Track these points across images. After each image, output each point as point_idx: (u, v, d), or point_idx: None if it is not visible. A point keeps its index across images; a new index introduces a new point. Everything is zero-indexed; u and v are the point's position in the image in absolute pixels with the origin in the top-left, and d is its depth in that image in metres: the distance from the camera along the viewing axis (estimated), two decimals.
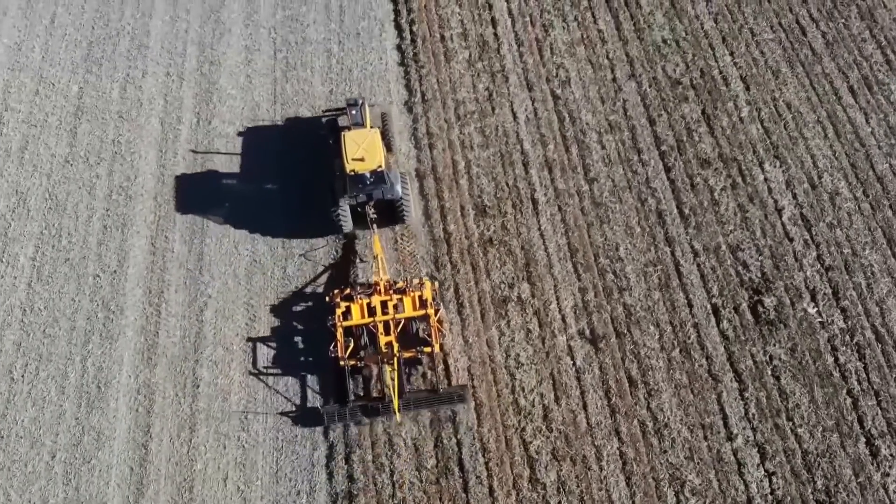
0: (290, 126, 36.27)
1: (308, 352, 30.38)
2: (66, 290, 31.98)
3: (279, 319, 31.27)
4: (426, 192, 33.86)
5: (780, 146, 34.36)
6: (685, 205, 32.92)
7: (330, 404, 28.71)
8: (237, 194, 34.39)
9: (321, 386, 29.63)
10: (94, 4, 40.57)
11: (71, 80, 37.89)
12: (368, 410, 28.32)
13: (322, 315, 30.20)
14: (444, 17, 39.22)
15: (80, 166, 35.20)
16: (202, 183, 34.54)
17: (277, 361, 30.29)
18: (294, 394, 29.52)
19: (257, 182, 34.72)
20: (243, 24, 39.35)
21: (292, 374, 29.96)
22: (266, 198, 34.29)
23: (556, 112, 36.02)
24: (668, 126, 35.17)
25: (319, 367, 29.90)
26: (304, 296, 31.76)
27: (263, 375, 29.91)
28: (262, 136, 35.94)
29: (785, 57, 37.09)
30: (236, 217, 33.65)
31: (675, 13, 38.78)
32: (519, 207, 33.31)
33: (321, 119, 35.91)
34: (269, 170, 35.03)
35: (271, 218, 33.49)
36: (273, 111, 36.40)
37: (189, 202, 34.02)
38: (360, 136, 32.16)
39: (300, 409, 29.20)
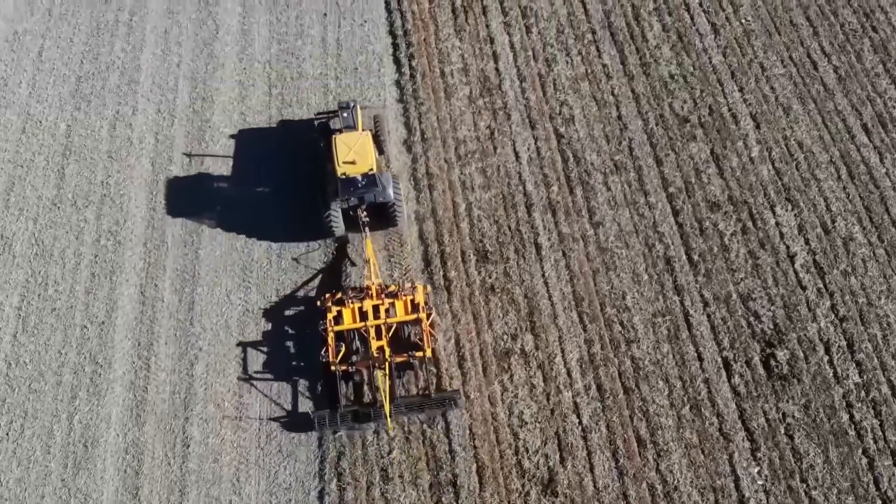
0: (282, 129, 36.32)
1: (299, 357, 30.51)
2: (52, 342, 31.32)
3: (270, 324, 31.41)
4: (425, 236, 33.24)
5: (791, 188, 33.75)
6: (694, 251, 32.29)
7: (321, 410, 28.68)
8: (230, 213, 34.45)
9: (312, 391, 29.71)
10: (82, 37, 39.99)
11: (59, 117, 37.27)
12: (360, 416, 28.41)
13: (314, 319, 30.30)
14: (445, 52, 38.62)
15: (67, 209, 34.56)
16: (193, 227, 33.88)
17: (268, 366, 30.37)
18: (285, 399, 29.60)
19: (249, 187, 34.91)
20: (237, 58, 38.77)
21: (284, 379, 30.09)
22: (258, 203, 34.39)
23: (559, 151, 35.42)
24: (676, 167, 34.57)
25: (311, 372, 30.01)
26: (295, 300, 31.89)
27: (254, 380, 30.08)
28: (254, 140, 36.04)
29: (796, 93, 36.51)
30: (230, 228, 33.96)
31: (683, 47, 38.20)
32: (522, 253, 32.68)
33: (314, 122, 35.99)
34: (261, 173, 35.17)
35: (264, 225, 33.67)
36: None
37: (179, 250, 33.35)
38: (351, 139, 32.19)
39: (291, 415, 29.25)
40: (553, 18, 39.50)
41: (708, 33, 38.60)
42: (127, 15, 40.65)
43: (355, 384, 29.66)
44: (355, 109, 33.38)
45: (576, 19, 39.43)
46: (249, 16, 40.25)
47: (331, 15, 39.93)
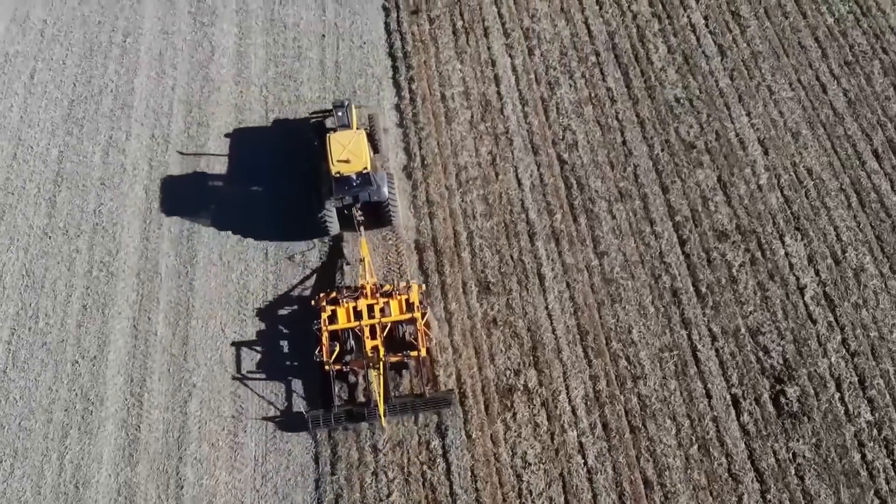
0: (277, 128, 36.57)
1: (294, 356, 30.59)
2: (42, 378, 30.82)
3: (265, 323, 31.52)
4: (426, 266, 32.72)
5: (801, 217, 33.25)
6: (702, 282, 31.77)
7: (315, 409, 28.78)
8: (224, 211, 34.67)
9: (307, 391, 29.81)
10: (75, 59, 39.55)
11: (50, 143, 36.82)
12: (354, 415, 28.56)
13: (308, 319, 30.38)
14: (445, 75, 38.15)
15: (59, 239, 34.07)
16: (187, 257, 33.41)
17: (263, 366, 30.52)
18: (280, 398, 29.78)
19: (244, 186, 35.25)
20: (233, 81, 38.32)
21: (278, 379, 30.20)
22: (252, 203, 34.67)
23: (562, 178, 34.93)
24: (683, 194, 34.07)
25: (305, 371, 30.11)
26: (290, 299, 31.95)
27: (248, 380, 30.16)
28: (248, 139, 36.27)
29: (805, 117, 36.01)
30: (225, 226, 34.24)
31: (689, 69, 37.72)
32: (524, 284, 32.17)
33: (309, 121, 36.07)
34: (256, 172, 35.45)
35: (259, 225, 33.95)
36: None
37: (173, 281, 32.87)
38: (345, 138, 32.26)
39: (285, 414, 29.39)
40: (556, 40, 39.04)
41: (714, 55, 38.12)
42: (121, 36, 40.23)
43: (350, 384, 29.78)
44: (350, 108, 33.64)
45: (579, 41, 38.97)
46: (246, 37, 39.81)
47: (329, 37, 39.48)
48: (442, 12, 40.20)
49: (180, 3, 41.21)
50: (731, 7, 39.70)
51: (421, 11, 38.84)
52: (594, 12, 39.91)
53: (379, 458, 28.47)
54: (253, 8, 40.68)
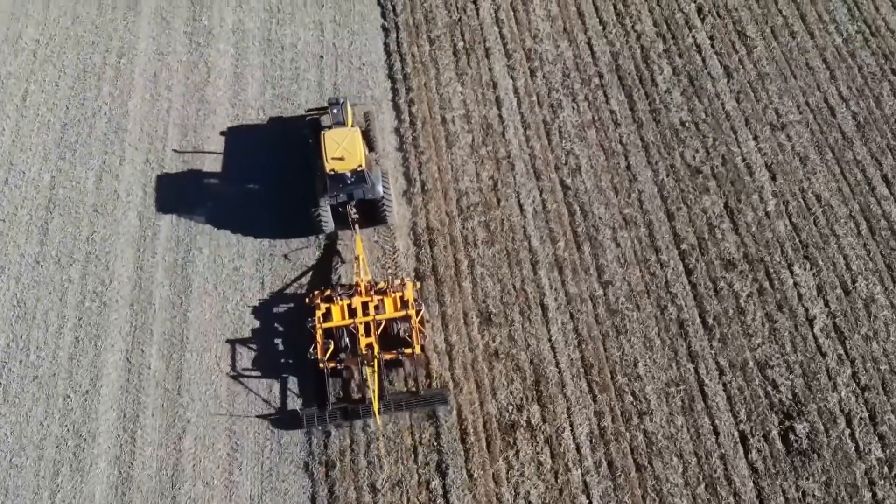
0: (273, 126, 36.86)
1: (288, 354, 30.87)
2: (34, 414, 30.31)
3: (259, 321, 31.71)
4: (426, 296, 32.21)
5: (809, 245, 32.76)
6: (709, 313, 31.27)
7: (309, 407, 29.08)
8: (221, 209, 34.83)
9: (301, 388, 30.07)
10: (68, 81, 39.05)
11: (43, 167, 36.32)
12: (348, 413, 28.80)
13: (303, 317, 30.67)
14: (446, 97, 37.68)
15: (50, 268, 33.56)
16: (182, 287, 32.90)
17: (257, 363, 30.78)
18: (274, 396, 30.04)
19: (240, 183, 35.50)
20: (229, 103, 37.84)
21: (272, 377, 30.48)
22: (248, 202, 34.96)
23: (566, 204, 34.45)
24: (689, 221, 33.58)
25: (300, 369, 30.34)
26: (284, 297, 32.23)
27: (243, 378, 30.42)
28: (245, 137, 36.55)
29: (813, 141, 35.53)
30: (223, 226, 34.52)
31: (694, 91, 37.23)
32: (527, 314, 31.67)
33: (305, 118, 35.95)
34: (252, 170, 35.76)
35: (255, 224, 34.23)
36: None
37: (167, 312, 32.39)
38: (340, 135, 32.29)
39: (280, 412, 29.68)
40: (559, 61, 38.56)
41: (720, 77, 37.64)
42: (115, 57, 39.73)
43: (344, 381, 29.97)
44: (345, 106, 33.73)
45: (582, 62, 38.49)
46: (242, 58, 39.33)
47: (327, 58, 39.00)
48: (442, 32, 39.74)
49: (176, 22, 40.74)
50: (738, 27, 39.23)
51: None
52: (597, 32, 39.44)
53: (377, 498, 27.97)
54: (250, 28, 40.23)
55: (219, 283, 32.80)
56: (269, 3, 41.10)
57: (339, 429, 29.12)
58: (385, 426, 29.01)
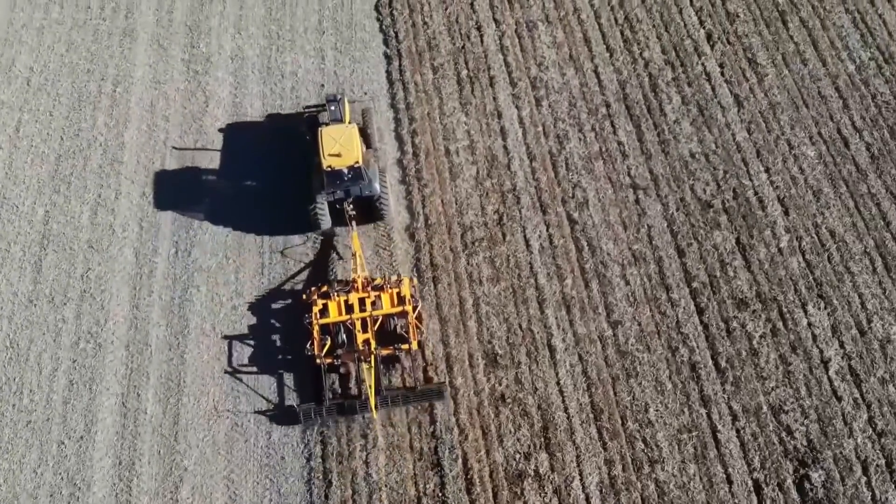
0: (271, 123, 37.30)
1: (286, 350, 31.26)
2: (27, 461, 29.68)
3: (256, 317, 32.04)
4: (430, 337, 31.56)
5: (824, 283, 32.15)
6: (721, 355, 30.67)
7: (306, 403, 29.46)
8: (218, 205, 35.30)
9: (298, 384, 30.52)
10: (63, 110, 38.45)
11: (36, 201, 35.70)
12: (345, 409, 29.14)
13: (300, 313, 31.05)
14: (450, 127, 37.09)
15: (44, 307, 32.94)
16: (179, 328, 32.29)
17: (254, 360, 31.19)
18: (271, 392, 30.43)
19: (238, 182, 35.98)
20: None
21: (269, 373, 30.89)
22: (246, 199, 35.40)
23: (573, 239, 33.86)
24: (699, 258, 32.98)
25: (297, 365, 30.78)
26: (282, 293, 32.58)
27: (240, 374, 30.79)
28: (243, 134, 37.03)
29: (826, 174, 34.95)
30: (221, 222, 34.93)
31: (704, 121, 36.66)
32: (534, 356, 31.07)
33: (303, 115, 36.33)
34: (250, 167, 36.14)
35: (252, 225, 34.58)
36: (260, 239, 34.14)
37: (164, 354, 31.79)
38: (337, 132, 32.82)
39: (277, 408, 30.04)
40: (564, 90, 37.99)
41: (731, 106, 37.07)
42: (110, 85, 39.13)
43: (341, 377, 30.34)
44: (343, 103, 34.15)
45: (588, 91, 37.92)
46: (242, 86, 38.74)
47: (328, 86, 38.40)
48: (446, 60, 39.17)
49: (173, 49, 40.17)
50: (748, 54, 38.67)
51: None
52: (604, 60, 38.87)
53: None
54: (249, 55, 39.66)
55: (217, 323, 32.19)
56: (269, 29, 40.55)
57: (337, 424, 29.37)
58: (383, 425, 29.32)
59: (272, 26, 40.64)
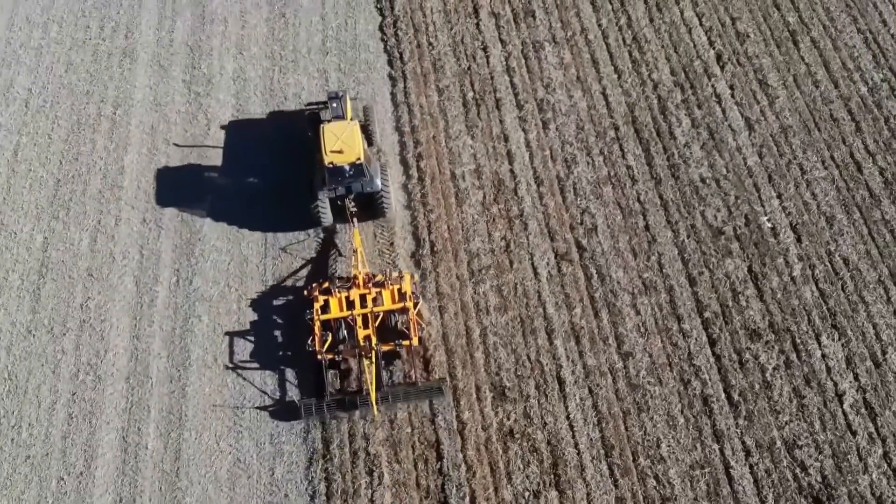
0: (273, 119, 37.79)
1: (287, 346, 31.56)
2: (26, 497, 29.25)
3: (258, 313, 32.36)
4: (434, 368, 31.08)
5: (837, 313, 31.70)
6: (734, 388, 30.21)
7: (307, 398, 29.77)
8: (221, 203, 35.86)
9: (300, 380, 30.83)
10: (62, 133, 37.98)
11: (35, 228, 35.24)
12: (346, 404, 29.49)
13: (301, 309, 31.27)
14: (455, 151, 36.64)
15: (43, 338, 32.48)
16: (180, 359, 31.84)
17: (256, 355, 31.48)
18: (273, 388, 30.80)
19: (240, 179, 36.35)
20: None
21: (271, 368, 31.23)
22: (247, 196, 35.76)
23: (581, 266, 33.40)
24: (711, 287, 32.52)
25: (298, 361, 31.11)
26: (283, 290, 32.96)
27: (241, 369, 31.22)
28: (245, 131, 37.45)
29: (839, 199, 34.49)
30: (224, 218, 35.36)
31: (714, 145, 36.20)
32: (543, 389, 30.60)
33: (304, 112, 36.50)
34: (252, 164, 36.55)
35: (254, 222, 34.96)
36: (262, 266, 33.77)
37: (165, 387, 31.34)
38: (339, 129, 32.93)
39: (278, 403, 30.35)
40: (572, 112, 37.53)
41: (742, 129, 36.61)
42: (110, 108, 38.66)
43: (342, 373, 30.80)
44: (344, 99, 34.38)
45: (597, 113, 37.47)
46: (244, 108, 38.31)
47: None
48: (451, 82, 38.72)
49: (174, 70, 39.72)
50: (759, 75, 38.22)
51: None
52: (612, 81, 38.42)
53: None
54: (251, 76, 39.20)
55: (219, 355, 31.73)
56: (272, 50, 40.10)
57: (337, 420, 29.72)
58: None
59: (275, 46, 40.20)
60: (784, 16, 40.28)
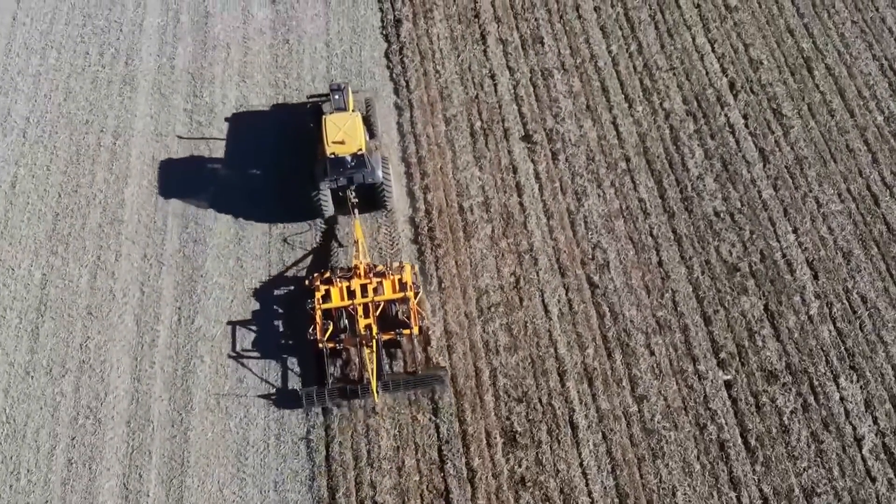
0: (276, 112, 38.31)
1: (289, 335, 32.16)
2: None
3: (260, 303, 32.89)
4: (442, 414, 30.41)
5: (855, 353, 31.11)
6: (750, 433, 29.61)
7: (309, 386, 30.25)
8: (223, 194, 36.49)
9: (301, 369, 31.38)
10: (60, 165, 37.32)
11: (33, 264, 34.59)
12: (347, 392, 30.02)
13: (303, 299, 31.87)
14: (463, 183, 36.00)
15: (41, 380, 31.84)
16: (182, 403, 31.17)
17: (258, 345, 32.01)
18: (275, 376, 31.28)
19: (243, 170, 36.85)
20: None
21: (273, 357, 31.73)
22: (250, 188, 36.20)
23: (594, 304, 32.77)
24: (727, 326, 31.91)
25: (300, 350, 31.65)
26: (285, 280, 33.50)
27: (243, 358, 31.72)
28: (249, 123, 37.89)
29: (856, 234, 33.89)
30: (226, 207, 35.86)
31: (728, 177, 35.58)
32: (556, 434, 29.97)
33: (306, 105, 37.12)
34: (255, 156, 37.04)
35: (257, 213, 35.43)
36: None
37: (167, 431, 30.67)
38: (341, 120, 33.51)
39: (280, 392, 30.91)
40: (582, 143, 36.89)
41: (756, 161, 35.99)
42: (110, 138, 38.01)
43: (343, 361, 31.27)
44: (346, 91, 34.76)
45: (607, 144, 36.84)
46: None
47: None
48: (458, 111, 38.07)
49: (175, 98, 39.07)
50: (773, 104, 37.60)
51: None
52: (623, 111, 37.78)
53: None
54: (255, 105, 38.51)
55: (221, 398, 31.05)
56: (275, 77, 39.44)
57: (339, 408, 30.18)
58: (383, 406, 30.10)
59: (278, 74, 39.55)
60: (798, 42, 39.67)
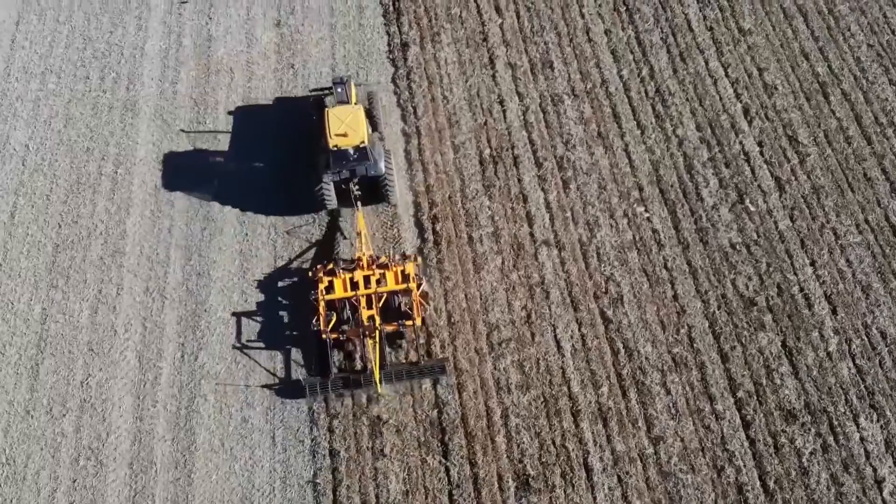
0: (279, 105, 38.67)
1: (293, 326, 32.53)
2: None
3: (264, 294, 33.25)
4: (452, 456, 29.70)
5: (875, 392, 30.44)
6: (769, 475, 28.93)
7: (312, 377, 30.80)
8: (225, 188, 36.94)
9: (305, 359, 31.78)
10: (60, 194, 36.63)
11: (33, 298, 33.89)
12: (350, 383, 30.44)
13: (306, 290, 32.19)
14: (472, 213, 35.31)
15: (42, 419, 31.14)
16: (185, 444, 30.48)
17: (262, 336, 32.42)
18: (278, 367, 31.69)
19: (246, 161, 37.18)
20: (237, 221, 35.40)
21: (277, 348, 32.09)
22: (254, 180, 36.52)
23: (607, 340, 32.10)
24: (744, 363, 31.23)
25: (303, 341, 32.09)
26: (289, 271, 33.91)
27: (248, 349, 32.07)
28: (253, 116, 38.25)
29: (875, 267, 33.21)
30: None
31: (744, 207, 34.84)
32: (569, 478, 29.27)
33: (309, 98, 37.70)
34: (259, 150, 37.35)
35: (261, 207, 35.71)
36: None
37: (170, 473, 29.98)
38: (343, 113, 33.92)
39: (284, 382, 31.32)
40: (593, 171, 36.21)
41: (772, 190, 35.32)
42: (111, 166, 37.33)
43: (346, 352, 31.72)
44: (349, 84, 35.34)
45: (619, 172, 36.16)
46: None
47: None
48: (467, 138, 37.39)
49: (178, 124, 38.38)
50: (788, 131, 36.93)
51: None
52: (635, 138, 37.10)
53: None
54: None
55: (226, 438, 30.41)
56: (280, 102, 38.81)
57: (341, 398, 30.53)
58: (386, 396, 30.41)
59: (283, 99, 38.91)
60: (813, 66, 39.00)
